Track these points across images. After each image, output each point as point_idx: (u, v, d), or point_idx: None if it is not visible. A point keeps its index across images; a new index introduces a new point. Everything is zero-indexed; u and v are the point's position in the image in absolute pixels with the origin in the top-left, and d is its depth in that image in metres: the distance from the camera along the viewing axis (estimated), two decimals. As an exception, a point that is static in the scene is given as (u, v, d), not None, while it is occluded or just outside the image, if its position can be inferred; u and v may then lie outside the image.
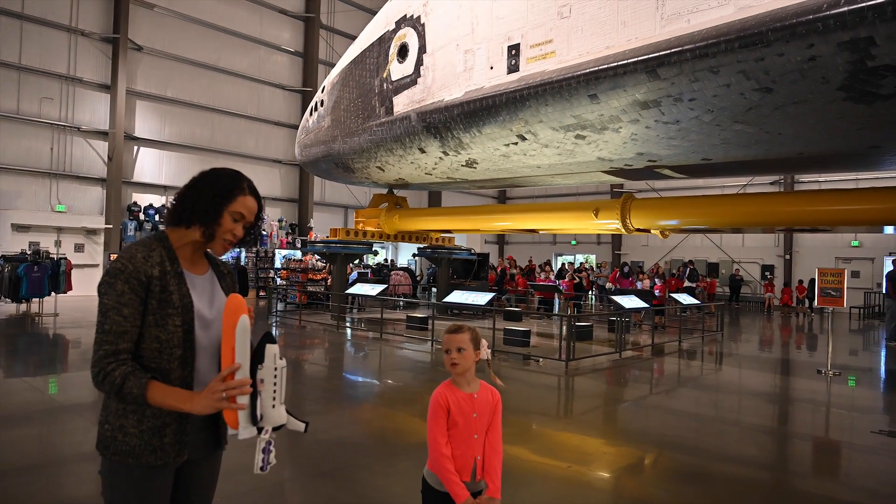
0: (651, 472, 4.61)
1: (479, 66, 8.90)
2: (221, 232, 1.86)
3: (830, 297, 8.16)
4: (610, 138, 7.96)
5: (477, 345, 2.33)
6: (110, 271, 1.73)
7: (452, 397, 2.29)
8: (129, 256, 1.74)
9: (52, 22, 18.05)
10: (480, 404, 2.30)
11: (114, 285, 1.70)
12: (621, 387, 8.01)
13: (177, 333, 1.77)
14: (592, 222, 9.61)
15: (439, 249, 16.23)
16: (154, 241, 1.84)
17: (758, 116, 6.55)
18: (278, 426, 1.80)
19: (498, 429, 2.35)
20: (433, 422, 2.27)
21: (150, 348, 1.75)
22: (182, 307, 1.78)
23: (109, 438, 1.74)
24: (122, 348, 1.69)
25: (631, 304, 10.57)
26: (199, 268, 1.94)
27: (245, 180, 1.93)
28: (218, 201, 1.84)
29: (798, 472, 4.98)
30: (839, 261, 22.99)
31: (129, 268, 1.72)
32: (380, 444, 4.92)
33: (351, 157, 12.15)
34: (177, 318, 1.77)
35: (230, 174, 1.91)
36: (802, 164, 8.54)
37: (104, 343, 1.68)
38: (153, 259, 1.77)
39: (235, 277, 2.11)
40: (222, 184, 1.87)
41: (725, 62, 5.90)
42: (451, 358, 2.29)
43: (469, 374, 2.32)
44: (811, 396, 7.52)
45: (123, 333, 1.69)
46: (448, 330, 2.35)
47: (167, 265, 1.80)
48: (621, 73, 6.74)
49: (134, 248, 1.77)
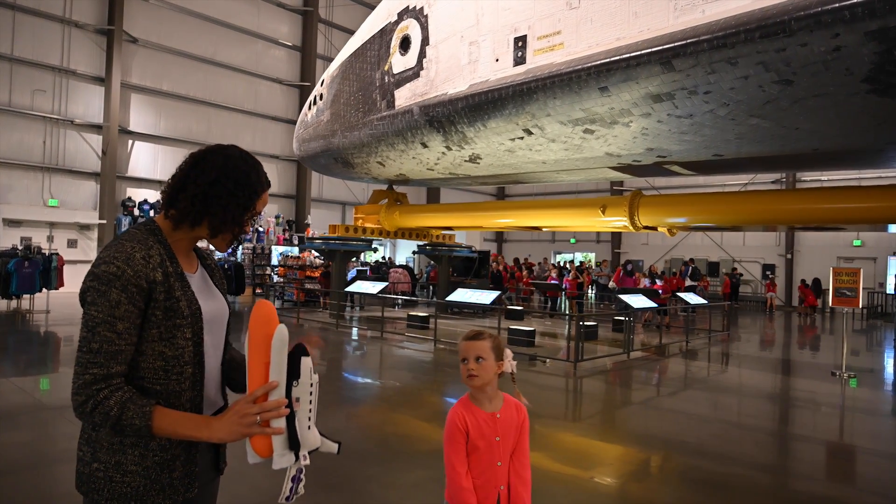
0: (677, 481, 4.39)
1: (485, 58, 8.65)
2: (240, 234, 1.63)
3: (845, 298, 7.95)
4: (619, 133, 7.73)
5: (500, 354, 2.00)
6: (101, 276, 1.40)
7: (471, 418, 1.97)
8: (125, 257, 1.41)
9: (45, 13, 17.70)
10: (504, 425, 1.97)
11: (106, 294, 1.38)
12: (634, 389, 7.79)
13: (187, 348, 1.50)
14: (599, 219, 9.39)
15: (439, 247, 15.99)
16: (148, 235, 1.53)
17: (775, 110, 6.33)
18: (313, 449, 1.57)
19: (525, 453, 2.02)
20: (450, 447, 1.96)
21: (152, 367, 1.46)
22: (192, 316, 1.51)
23: (102, 480, 1.43)
24: (115, 372, 1.38)
25: (639, 304, 10.35)
26: (191, 265, 1.67)
27: (263, 171, 1.67)
28: (247, 206, 1.59)
29: (829, 481, 4.76)
30: (841, 260, 22.83)
31: (128, 273, 1.40)
32: (387, 452, 4.67)
33: (351, 152, 11.89)
34: (187, 329, 1.50)
35: (254, 169, 1.63)
36: (815, 160, 8.34)
37: (91, 365, 1.36)
38: (154, 260, 1.47)
39: (222, 273, 1.84)
40: (251, 184, 1.59)
41: (745, 53, 5.68)
42: (468, 369, 1.96)
43: (490, 389, 2.00)
44: (829, 400, 7.31)
45: (116, 354, 1.38)
46: (466, 336, 2.03)
47: (168, 266, 1.51)
48: (634, 65, 6.50)
49: (129, 247, 1.44)
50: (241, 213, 1.58)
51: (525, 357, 9.35)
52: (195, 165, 1.57)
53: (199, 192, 1.53)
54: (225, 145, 1.63)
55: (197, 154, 1.60)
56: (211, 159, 1.57)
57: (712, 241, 26.52)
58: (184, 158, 1.62)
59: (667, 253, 27.79)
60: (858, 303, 7.94)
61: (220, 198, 1.54)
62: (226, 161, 1.58)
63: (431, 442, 4.91)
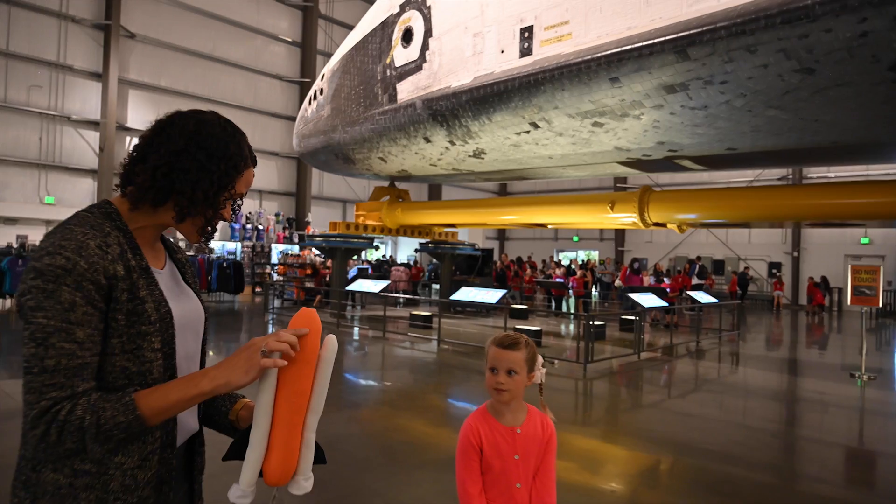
0: (704, 492, 4.13)
1: (490, 49, 8.39)
2: (215, 219, 1.31)
3: (864, 296, 7.69)
4: (630, 126, 7.47)
5: (532, 365, 1.74)
6: (46, 272, 1.07)
7: (487, 432, 1.72)
8: (76, 246, 1.09)
9: (41, 7, 17.43)
10: (526, 441, 1.71)
11: (55, 295, 1.06)
12: (648, 391, 7.53)
13: (156, 362, 1.18)
14: (607, 216, 9.12)
15: (442, 245, 15.72)
16: (103, 219, 1.20)
17: (794, 101, 6.07)
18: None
19: (550, 474, 1.75)
20: (461, 465, 1.72)
21: (114, 388, 1.14)
22: (160, 321, 1.20)
23: None
24: (81, 392, 1.07)
25: (649, 303, 10.08)
26: (158, 259, 1.34)
27: (247, 144, 1.36)
28: (225, 184, 1.28)
29: (851, 487, 4.51)
30: (848, 258, 22.53)
31: (81, 265, 1.08)
32: (391, 461, 4.41)
33: (352, 148, 11.64)
34: (155, 338, 1.18)
35: (234, 137, 1.31)
36: (831, 155, 8.08)
37: (49, 389, 1.04)
38: (112, 250, 1.15)
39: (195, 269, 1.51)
40: (229, 156, 1.28)
41: (765, 40, 5.41)
42: (497, 381, 1.71)
43: (515, 403, 1.75)
44: (849, 403, 7.05)
45: (80, 369, 1.07)
46: (498, 342, 1.74)
47: (129, 258, 1.18)
48: (647, 54, 6.24)
49: (80, 233, 1.12)
50: (214, 192, 1.26)
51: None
52: (160, 132, 1.26)
53: (163, 163, 1.22)
54: (200, 109, 1.33)
55: (163, 119, 1.28)
56: (180, 124, 1.26)
57: (717, 238, 26.24)
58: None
59: (671, 251, 27.52)
60: (878, 301, 7.69)
61: (188, 171, 1.23)
62: (198, 127, 1.26)
63: (439, 450, 4.66)
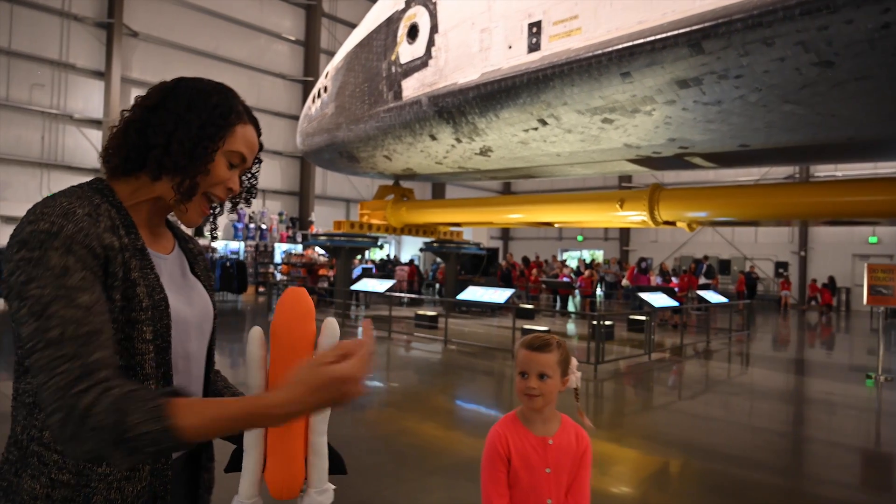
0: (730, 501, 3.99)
1: (497, 45, 8.26)
2: (211, 185, 1.12)
3: (882, 296, 7.53)
4: (641, 122, 7.34)
5: (566, 368, 1.59)
6: (29, 240, 0.92)
7: (516, 441, 1.58)
8: (61, 212, 0.95)
9: (43, 5, 17.35)
10: (558, 454, 1.57)
11: (43, 261, 0.91)
12: (661, 393, 7.39)
13: (147, 355, 1.02)
14: (616, 214, 8.98)
15: (447, 244, 15.59)
16: (92, 192, 1.05)
17: (812, 95, 5.93)
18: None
19: (584, 491, 1.60)
20: (487, 475, 1.58)
21: None
22: (153, 309, 1.03)
23: None
24: (98, 360, 0.89)
25: (659, 302, 9.93)
26: (162, 243, 1.18)
27: (239, 99, 1.18)
28: (209, 135, 1.09)
29: (871, 492, 4.36)
30: (856, 258, 22.35)
31: (68, 228, 0.94)
32: (402, 467, 4.26)
33: (356, 146, 11.51)
34: (145, 327, 1.01)
35: (218, 89, 1.15)
36: (845, 151, 7.93)
37: (59, 361, 0.87)
38: (103, 222, 1.00)
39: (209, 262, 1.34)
40: (212, 106, 1.11)
41: (783, 32, 5.27)
42: (527, 386, 1.56)
43: (547, 409, 1.60)
44: (869, 405, 6.89)
45: (91, 336, 0.90)
46: (528, 344, 1.60)
47: (122, 235, 1.03)
48: (660, 48, 6.11)
49: (66, 201, 0.98)
50: (193, 142, 1.07)
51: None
52: (140, 97, 1.14)
53: (136, 118, 1.09)
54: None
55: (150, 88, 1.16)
56: (160, 85, 1.14)
57: (723, 238, 26.06)
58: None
59: (676, 250, 27.34)
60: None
61: (164, 124, 1.07)
62: (177, 83, 1.13)
63: (451, 455, 4.52)
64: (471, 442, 4.86)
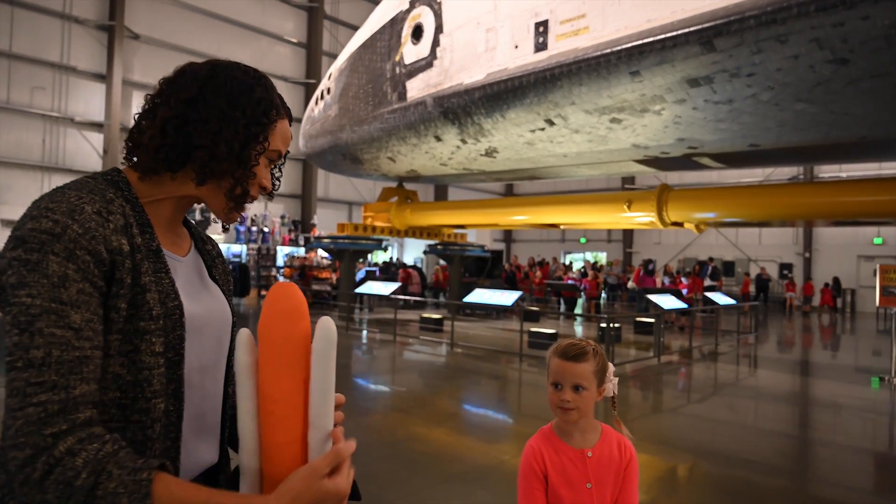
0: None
1: (503, 45, 8.17)
2: (247, 181, 1.02)
3: (893, 297, 7.43)
4: (649, 122, 7.24)
5: (603, 377, 1.50)
6: (29, 239, 0.83)
7: (552, 456, 1.49)
8: (69, 209, 0.85)
9: (44, 8, 17.29)
10: (599, 467, 1.47)
11: (41, 266, 0.81)
12: (674, 396, 7.28)
13: (157, 370, 0.91)
14: (623, 215, 8.89)
15: (451, 247, 15.49)
16: (107, 185, 0.95)
17: (825, 93, 5.84)
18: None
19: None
20: (523, 493, 1.49)
21: (101, 402, 0.87)
22: (165, 317, 0.92)
23: None
24: (79, 397, 0.80)
25: (668, 304, 9.83)
26: (179, 243, 1.08)
27: (275, 89, 1.09)
28: (254, 135, 1.01)
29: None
30: (861, 259, 22.23)
31: (73, 230, 0.84)
32: (414, 475, 4.15)
33: (360, 148, 11.43)
34: (156, 338, 0.91)
35: (260, 81, 1.05)
36: (856, 151, 7.84)
37: (37, 389, 0.78)
38: (115, 220, 0.90)
39: (228, 265, 1.22)
40: (255, 101, 1.02)
41: (797, 29, 5.18)
42: (562, 399, 1.45)
43: (583, 422, 1.50)
44: (887, 408, 6.79)
45: (78, 364, 0.81)
46: (561, 353, 1.49)
47: (136, 235, 0.93)
48: (671, 46, 6.01)
49: (75, 196, 0.88)
50: (241, 144, 0.99)
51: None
52: (171, 82, 1.03)
53: (174, 114, 0.98)
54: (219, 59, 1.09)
55: (176, 69, 1.05)
56: (192, 71, 1.04)
57: (727, 239, 25.94)
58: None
59: (680, 252, 27.23)
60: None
61: (207, 121, 0.98)
62: (213, 71, 1.04)
63: (464, 462, 4.41)
64: (483, 448, 4.76)
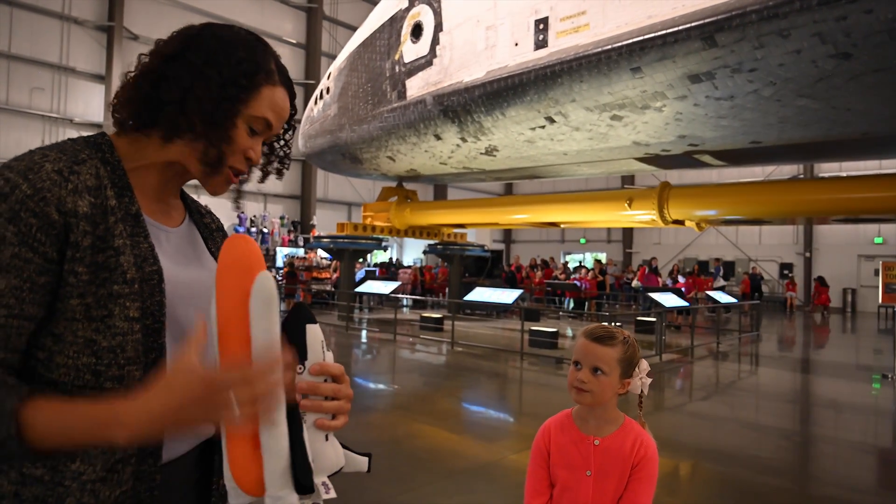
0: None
1: (503, 43, 8.15)
2: (231, 154, 0.97)
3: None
4: (651, 118, 7.21)
5: (629, 369, 1.45)
6: None
7: (559, 437, 1.47)
8: (24, 167, 0.83)
9: (43, 9, 17.28)
10: (604, 457, 1.42)
11: None
12: (676, 394, 7.25)
13: (131, 335, 0.87)
14: (624, 213, 8.85)
15: (451, 246, 15.46)
16: (85, 146, 0.92)
17: (828, 89, 5.81)
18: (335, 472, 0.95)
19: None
20: (529, 470, 1.50)
21: (74, 366, 0.85)
22: (142, 282, 0.89)
23: None
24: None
25: (670, 303, 9.79)
26: (170, 214, 1.04)
27: (272, 54, 1.01)
28: (230, 96, 0.94)
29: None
30: (862, 258, 22.19)
31: (22, 190, 0.81)
32: (416, 470, 4.12)
33: (359, 147, 11.40)
34: (130, 302, 0.87)
35: (247, 42, 0.98)
36: (857, 148, 7.83)
37: None
38: (81, 180, 0.87)
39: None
40: (235, 61, 0.94)
41: (799, 23, 5.15)
42: (577, 378, 1.42)
43: (602, 410, 1.46)
44: (891, 407, 6.76)
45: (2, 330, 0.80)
46: (590, 332, 1.47)
47: (108, 197, 0.89)
48: (672, 42, 5.99)
49: (39, 154, 0.86)
50: (213, 104, 0.92)
51: (551, 360, 8.85)
52: (161, 43, 0.97)
53: (151, 69, 0.94)
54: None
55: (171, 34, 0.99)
56: (181, 31, 0.99)
57: (727, 239, 25.90)
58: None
59: (680, 252, 27.19)
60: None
61: (180, 78, 0.92)
62: (200, 31, 0.98)
63: (466, 458, 4.39)
64: (484, 444, 4.73)
